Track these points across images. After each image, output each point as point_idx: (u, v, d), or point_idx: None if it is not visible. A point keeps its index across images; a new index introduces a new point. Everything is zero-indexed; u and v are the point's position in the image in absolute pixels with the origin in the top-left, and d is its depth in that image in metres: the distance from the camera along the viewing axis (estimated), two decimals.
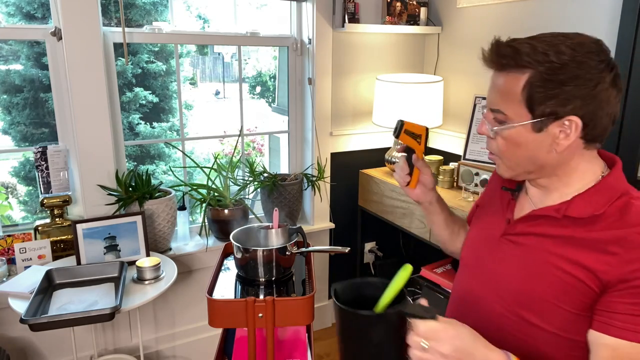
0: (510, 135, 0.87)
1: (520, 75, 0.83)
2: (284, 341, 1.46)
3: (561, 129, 0.83)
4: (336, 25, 2.37)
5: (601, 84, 0.81)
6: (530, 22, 2.09)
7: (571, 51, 0.80)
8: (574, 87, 0.80)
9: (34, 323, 1.44)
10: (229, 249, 1.61)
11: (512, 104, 0.85)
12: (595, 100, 0.81)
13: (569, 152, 0.87)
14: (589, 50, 0.81)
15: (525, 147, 0.87)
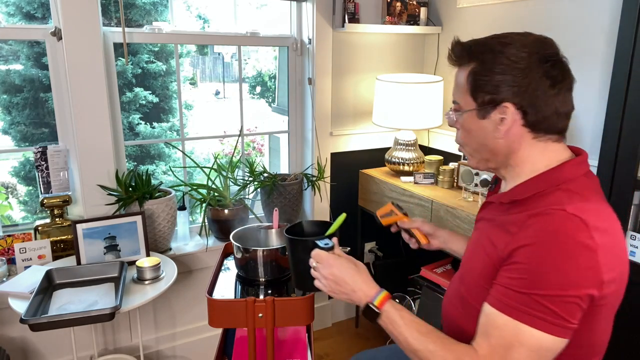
0: (464, 123, 0.99)
1: (466, 67, 0.96)
2: (284, 341, 1.46)
3: (501, 115, 0.93)
4: (336, 25, 2.37)
5: (531, 75, 0.90)
6: (530, 22, 2.09)
7: (506, 45, 0.92)
8: (503, 75, 0.90)
9: (34, 323, 1.44)
10: (229, 249, 1.61)
11: (462, 94, 0.98)
12: (527, 89, 0.90)
13: (516, 140, 0.94)
14: (523, 44, 0.92)
15: (475, 134, 0.98)
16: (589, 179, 0.94)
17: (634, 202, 1.55)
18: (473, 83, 0.94)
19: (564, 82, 0.93)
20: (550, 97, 0.91)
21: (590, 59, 1.87)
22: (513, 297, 0.83)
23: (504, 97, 0.91)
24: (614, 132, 1.56)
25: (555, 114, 0.92)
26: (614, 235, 0.86)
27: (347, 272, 1.01)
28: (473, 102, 0.95)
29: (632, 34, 1.48)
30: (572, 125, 1.99)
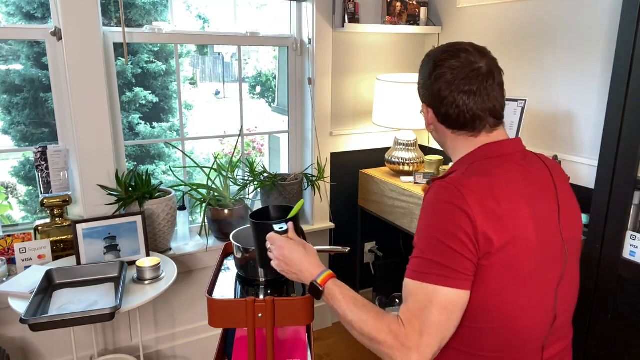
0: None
1: None
2: (284, 341, 1.46)
3: (425, 112, 1.10)
4: (336, 25, 2.37)
5: (430, 79, 1.04)
6: (530, 22, 2.09)
7: (427, 56, 1.08)
8: (420, 80, 1.09)
9: (34, 323, 1.44)
10: (229, 249, 1.61)
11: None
12: (431, 92, 1.05)
13: (440, 134, 1.10)
14: (429, 52, 1.07)
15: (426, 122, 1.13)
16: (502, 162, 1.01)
17: (634, 202, 1.55)
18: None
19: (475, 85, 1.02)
20: (446, 97, 1.03)
21: (590, 59, 1.88)
22: (414, 264, 0.94)
23: (422, 97, 1.10)
24: (614, 132, 1.56)
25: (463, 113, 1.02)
26: (504, 201, 0.93)
27: (296, 254, 1.11)
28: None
29: (632, 34, 1.49)
30: (572, 125, 2.01)
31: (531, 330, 0.97)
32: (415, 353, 0.88)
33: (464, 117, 1.02)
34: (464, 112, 1.01)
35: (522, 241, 0.93)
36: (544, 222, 0.98)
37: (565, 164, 1.94)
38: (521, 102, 2.10)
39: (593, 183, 1.66)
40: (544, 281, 0.98)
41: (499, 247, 0.91)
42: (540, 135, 2.10)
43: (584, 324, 1.71)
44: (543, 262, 0.97)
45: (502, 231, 0.91)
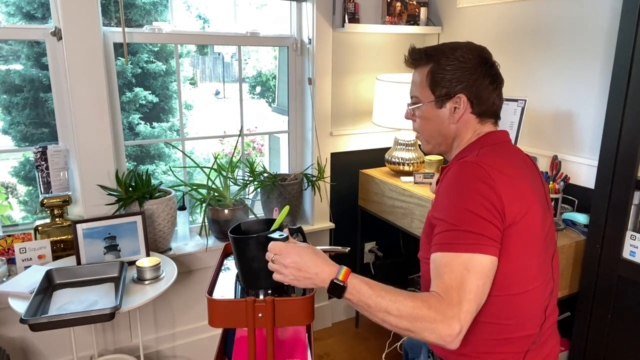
0: (422, 113, 1.19)
1: (425, 67, 1.17)
2: (284, 341, 1.46)
3: (455, 105, 1.14)
4: (336, 25, 2.37)
5: (476, 73, 1.12)
6: (530, 22, 2.09)
7: (455, 49, 1.14)
8: (455, 72, 1.12)
9: (34, 323, 1.44)
10: (229, 249, 1.61)
11: (421, 89, 1.18)
12: (474, 84, 1.12)
13: (464, 125, 1.16)
14: (469, 49, 1.14)
15: (433, 121, 1.18)
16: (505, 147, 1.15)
17: (634, 202, 1.55)
18: (431, 79, 1.15)
19: (498, 80, 1.17)
20: (490, 92, 1.14)
21: (590, 59, 1.88)
22: (444, 237, 0.98)
23: (457, 90, 1.13)
24: (614, 132, 1.56)
25: (494, 104, 1.16)
26: (516, 179, 1.04)
27: (308, 257, 1.03)
28: (432, 95, 1.16)
29: (632, 34, 1.48)
30: (572, 125, 2.01)
31: (539, 298, 1.08)
32: (457, 321, 0.90)
33: (496, 106, 1.17)
34: (497, 104, 1.17)
35: (534, 213, 1.03)
36: (541, 200, 1.09)
37: (565, 164, 1.94)
38: (521, 102, 2.10)
39: (593, 183, 1.66)
40: (547, 251, 1.09)
41: (520, 217, 1.00)
42: (540, 135, 2.10)
43: (584, 324, 1.71)
44: (547, 234, 1.09)
45: (521, 203, 1.01)
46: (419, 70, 1.19)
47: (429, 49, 1.17)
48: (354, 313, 2.83)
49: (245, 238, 1.12)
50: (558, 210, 1.84)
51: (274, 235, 1.09)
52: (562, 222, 1.80)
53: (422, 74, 1.18)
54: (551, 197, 1.82)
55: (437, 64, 1.14)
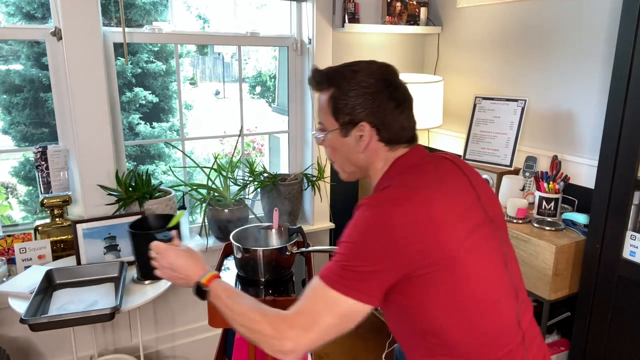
0: (329, 141, 1.12)
1: (327, 92, 1.08)
2: None
3: (360, 133, 1.06)
4: (336, 25, 2.37)
5: (379, 98, 1.04)
6: (530, 22, 2.09)
7: (356, 73, 1.06)
8: (357, 98, 1.04)
9: (34, 323, 1.44)
10: (229, 249, 1.61)
11: (325, 116, 1.10)
12: (378, 110, 1.04)
13: (373, 153, 1.08)
14: (370, 72, 1.06)
15: (340, 150, 1.11)
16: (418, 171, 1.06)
17: (634, 202, 1.55)
18: (333, 106, 1.07)
19: (405, 103, 1.08)
20: (397, 116, 1.06)
21: (590, 59, 1.88)
22: (331, 267, 0.96)
23: (360, 117, 1.05)
24: (614, 132, 1.56)
25: (402, 128, 1.07)
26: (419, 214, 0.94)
27: (182, 260, 1.12)
28: (335, 122, 1.08)
29: (632, 34, 1.48)
30: (572, 125, 2.00)
31: (503, 310, 1.01)
32: (292, 343, 0.92)
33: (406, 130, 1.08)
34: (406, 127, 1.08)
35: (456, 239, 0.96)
36: (467, 211, 1.01)
37: (565, 164, 1.94)
38: (521, 102, 2.10)
39: (593, 183, 1.65)
40: (493, 261, 1.02)
41: (429, 260, 0.93)
42: (540, 135, 2.10)
43: (584, 324, 1.71)
44: (483, 248, 1.00)
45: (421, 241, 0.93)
46: (323, 94, 1.10)
47: (330, 72, 1.09)
48: None
49: (137, 234, 1.30)
50: (558, 210, 1.84)
51: (159, 235, 1.21)
52: (562, 222, 1.80)
53: (324, 98, 1.10)
54: (552, 197, 1.82)
55: (339, 89, 1.06)
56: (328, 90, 1.08)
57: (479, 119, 2.24)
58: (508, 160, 2.11)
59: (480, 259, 0.98)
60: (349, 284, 0.92)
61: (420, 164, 1.07)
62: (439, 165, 1.09)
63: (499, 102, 2.17)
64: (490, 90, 2.30)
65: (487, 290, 0.99)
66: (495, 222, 1.06)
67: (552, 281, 1.65)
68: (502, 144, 2.14)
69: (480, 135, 2.22)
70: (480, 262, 0.99)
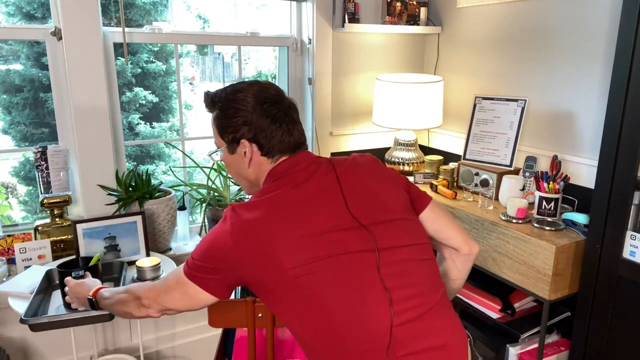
0: (222, 159, 1.21)
1: (214, 114, 1.18)
2: (284, 341, 1.46)
3: (243, 149, 1.14)
4: (336, 25, 2.37)
5: (254, 115, 1.12)
6: (530, 22, 2.09)
7: (236, 93, 1.14)
8: (237, 117, 1.12)
9: (34, 323, 1.44)
10: None
11: (215, 135, 1.20)
12: (254, 127, 1.12)
13: (259, 167, 1.16)
14: (248, 91, 1.14)
15: (231, 166, 1.21)
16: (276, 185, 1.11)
17: (634, 202, 1.55)
18: (218, 126, 1.17)
19: (283, 118, 1.14)
20: (274, 131, 1.13)
21: (590, 59, 1.88)
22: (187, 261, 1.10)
23: (241, 134, 1.13)
24: (614, 132, 1.56)
25: (281, 142, 1.14)
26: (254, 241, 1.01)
27: (79, 287, 1.41)
28: (222, 141, 1.17)
29: (632, 34, 1.48)
30: (572, 125, 2.01)
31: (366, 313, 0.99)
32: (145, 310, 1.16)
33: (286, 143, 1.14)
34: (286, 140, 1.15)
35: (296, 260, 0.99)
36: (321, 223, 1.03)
37: (565, 164, 1.94)
38: (521, 102, 2.10)
39: (593, 183, 1.65)
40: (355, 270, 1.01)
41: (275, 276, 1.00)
42: (540, 135, 2.10)
43: (584, 324, 1.71)
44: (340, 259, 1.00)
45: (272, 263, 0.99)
46: (212, 115, 1.20)
47: (214, 95, 1.18)
48: None
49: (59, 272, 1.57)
50: (558, 210, 1.84)
51: (73, 273, 1.50)
52: (562, 222, 1.80)
53: (212, 120, 1.20)
54: (552, 197, 1.82)
55: (220, 110, 1.16)
56: (214, 112, 1.18)
57: (479, 119, 2.24)
58: (508, 160, 2.11)
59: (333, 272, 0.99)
60: (195, 274, 1.07)
61: (287, 173, 1.12)
62: (311, 173, 1.11)
63: (499, 102, 2.17)
64: (490, 90, 2.30)
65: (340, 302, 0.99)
66: (370, 226, 1.05)
67: (552, 281, 1.65)
68: (502, 144, 2.14)
69: (480, 135, 2.22)
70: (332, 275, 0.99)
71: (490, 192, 2.04)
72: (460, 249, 1.23)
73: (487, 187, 2.10)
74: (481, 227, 1.88)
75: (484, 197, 2.00)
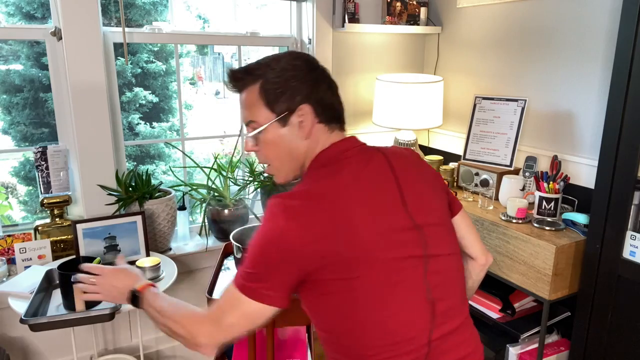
0: (266, 137, 1.04)
1: (254, 86, 1.04)
2: (284, 341, 1.46)
3: (300, 118, 1.02)
4: (336, 25, 2.37)
5: (311, 79, 1.03)
6: (530, 22, 2.09)
7: (279, 60, 1.04)
8: (292, 83, 1.01)
9: (34, 323, 1.44)
10: (229, 249, 1.61)
11: (258, 111, 1.03)
12: (313, 91, 1.02)
13: (314, 139, 1.05)
14: (293, 57, 1.05)
15: (280, 144, 1.05)
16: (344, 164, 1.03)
17: (634, 202, 1.55)
18: (267, 96, 1.02)
19: (334, 85, 1.09)
20: (330, 97, 1.06)
21: (590, 59, 1.88)
22: (238, 272, 0.98)
23: (300, 99, 1.02)
24: (614, 132, 1.56)
25: (336, 109, 1.09)
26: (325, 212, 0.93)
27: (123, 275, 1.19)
28: (271, 113, 1.03)
29: (632, 34, 1.48)
30: (572, 125, 2.00)
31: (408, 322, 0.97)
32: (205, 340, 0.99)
33: (339, 112, 1.10)
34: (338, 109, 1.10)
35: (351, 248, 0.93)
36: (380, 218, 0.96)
37: (565, 164, 1.94)
38: (521, 102, 2.10)
39: (593, 183, 1.65)
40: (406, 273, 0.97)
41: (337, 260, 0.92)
42: (540, 135, 2.10)
43: (584, 324, 1.71)
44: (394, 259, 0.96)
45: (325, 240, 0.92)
46: (248, 91, 1.05)
47: (250, 67, 1.06)
48: None
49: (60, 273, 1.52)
50: (558, 210, 1.84)
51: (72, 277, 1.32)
52: (562, 222, 1.80)
53: (252, 94, 1.04)
54: (552, 197, 1.82)
55: (266, 79, 1.02)
56: (254, 84, 1.03)
57: (479, 119, 2.24)
58: (508, 160, 2.11)
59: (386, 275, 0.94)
60: (251, 285, 0.94)
61: (344, 157, 1.06)
62: (366, 162, 1.05)
63: (499, 102, 2.17)
64: (490, 90, 2.30)
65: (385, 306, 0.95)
66: (422, 228, 1.01)
67: (552, 281, 1.65)
68: (502, 144, 2.14)
69: (480, 135, 2.22)
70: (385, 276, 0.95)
71: (490, 192, 2.04)
72: (477, 258, 1.20)
73: (487, 187, 2.10)
74: (481, 227, 1.88)
75: (484, 197, 2.00)
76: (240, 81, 1.06)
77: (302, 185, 1.00)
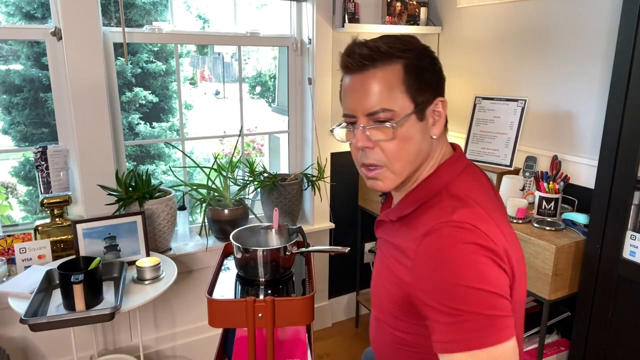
0: (401, 133, 0.83)
1: (392, 67, 0.82)
2: (284, 341, 1.46)
3: (434, 112, 0.86)
4: (336, 25, 2.37)
5: (441, 71, 0.88)
6: (530, 22, 2.09)
7: (415, 41, 0.86)
8: (434, 71, 0.85)
9: (34, 323, 1.44)
10: (229, 249, 1.61)
11: (396, 98, 0.82)
12: (443, 81, 0.88)
13: (439, 141, 0.90)
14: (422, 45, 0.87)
15: (414, 140, 0.85)
16: (468, 175, 0.89)
17: (634, 202, 1.55)
18: (412, 81, 0.82)
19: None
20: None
21: (590, 59, 1.88)
22: (449, 332, 0.74)
23: (439, 92, 0.87)
24: (614, 132, 1.56)
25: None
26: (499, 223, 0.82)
27: None
28: (411, 103, 0.83)
29: (632, 34, 1.48)
30: (572, 125, 2.00)
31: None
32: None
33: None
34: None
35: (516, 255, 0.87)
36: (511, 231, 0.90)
37: (565, 164, 1.94)
38: (521, 101, 2.10)
39: (593, 183, 1.65)
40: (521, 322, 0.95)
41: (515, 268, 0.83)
42: (540, 135, 2.10)
43: (584, 324, 1.71)
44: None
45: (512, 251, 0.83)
46: (382, 71, 0.82)
47: (380, 43, 0.84)
48: (354, 313, 2.83)
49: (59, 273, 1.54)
50: (558, 210, 1.84)
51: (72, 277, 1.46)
52: (562, 222, 1.80)
53: (391, 75, 0.82)
54: (552, 197, 1.82)
55: (409, 60, 0.83)
56: (395, 64, 0.82)
57: (479, 119, 2.24)
58: (508, 160, 2.11)
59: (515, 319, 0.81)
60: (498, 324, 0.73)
61: (469, 165, 0.92)
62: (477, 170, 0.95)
63: (499, 102, 2.17)
64: (490, 90, 2.30)
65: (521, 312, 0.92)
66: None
67: (552, 281, 1.65)
68: (502, 144, 2.14)
69: (480, 135, 2.22)
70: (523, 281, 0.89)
71: None
72: None
73: None
74: None
75: None
76: (366, 60, 0.83)
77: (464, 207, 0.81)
